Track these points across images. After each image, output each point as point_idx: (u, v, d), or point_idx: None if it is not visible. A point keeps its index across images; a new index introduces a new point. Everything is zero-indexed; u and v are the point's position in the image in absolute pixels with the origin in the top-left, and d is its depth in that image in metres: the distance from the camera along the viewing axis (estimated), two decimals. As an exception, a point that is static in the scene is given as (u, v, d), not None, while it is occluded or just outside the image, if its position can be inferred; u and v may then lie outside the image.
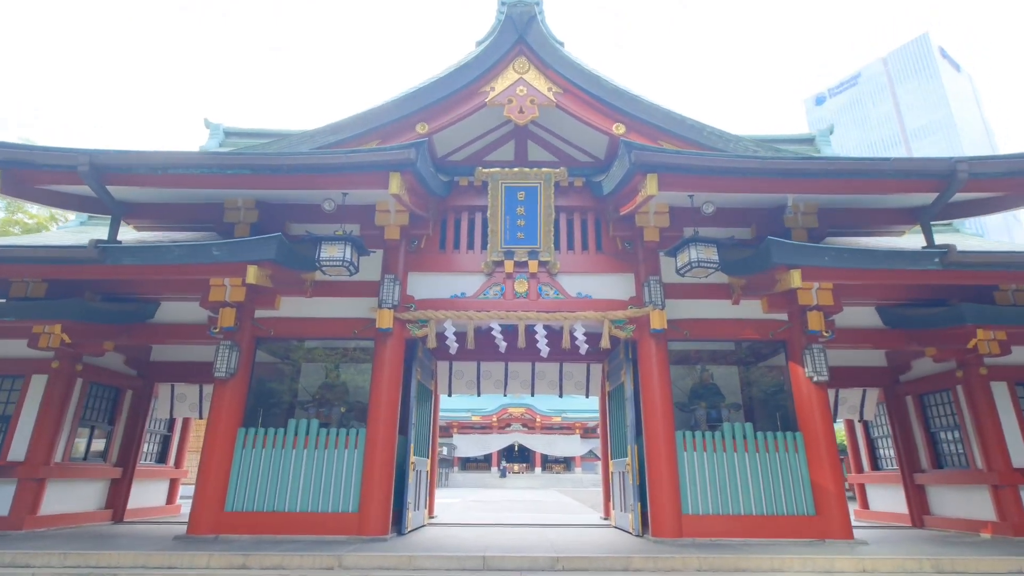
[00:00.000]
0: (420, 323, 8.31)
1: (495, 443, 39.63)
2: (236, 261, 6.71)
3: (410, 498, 8.26)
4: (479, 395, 10.63)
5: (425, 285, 8.63)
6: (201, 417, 10.62)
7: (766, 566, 5.91)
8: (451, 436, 39.77)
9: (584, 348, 8.25)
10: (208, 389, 10.43)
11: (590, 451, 38.95)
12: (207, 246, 6.65)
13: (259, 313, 8.44)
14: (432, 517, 10.95)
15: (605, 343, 8.15)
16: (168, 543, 6.88)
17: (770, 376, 9.59)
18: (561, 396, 10.88)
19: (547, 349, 8.30)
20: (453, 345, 8.28)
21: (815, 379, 7.81)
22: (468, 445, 39.31)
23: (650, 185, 6.70)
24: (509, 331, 9.15)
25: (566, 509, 14.23)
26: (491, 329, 8.38)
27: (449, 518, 10.76)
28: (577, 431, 40.51)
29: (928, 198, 7.35)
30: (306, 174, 6.79)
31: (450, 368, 10.64)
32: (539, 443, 39.47)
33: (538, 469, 40.14)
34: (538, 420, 39.48)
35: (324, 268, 7.07)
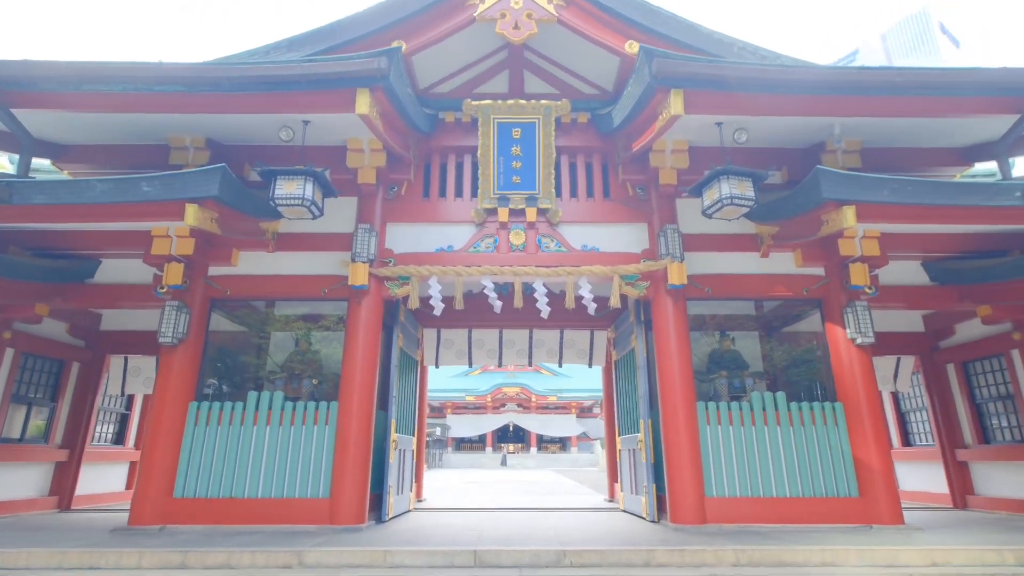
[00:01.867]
0: (400, 280, 7.17)
1: (490, 423, 38.89)
2: (171, 199, 5.52)
3: (392, 481, 7.21)
4: (470, 365, 9.54)
5: (406, 237, 7.47)
6: (157, 392, 9.48)
7: (816, 559, 4.89)
8: (445, 416, 39.07)
9: (591, 307, 7.14)
10: (166, 361, 9.27)
11: (585, 432, 38.26)
12: (135, 180, 5.45)
13: (213, 270, 7.27)
14: (420, 501, 9.95)
15: (615, 302, 7.04)
16: (103, 536, 5.80)
17: (797, 343, 8.55)
18: (561, 365, 9.82)
19: (547, 310, 7.19)
20: (439, 305, 7.15)
21: (859, 341, 6.75)
22: (462, 425, 38.55)
23: (674, 104, 5.53)
24: (504, 292, 8.04)
25: (565, 490, 13.29)
26: (483, 288, 7.23)
27: (439, 502, 9.75)
28: (573, 410, 39.86)
29: (1001, 127, 6.22)
30: (254, 91, 5.57)
31: (438, 336, 9.51)
32: (534, 423, 38.73)
33: (533, 449, 39.46)
34: (533, 400, 38.75)
35: (280, 207, 5.88)
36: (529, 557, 4.93)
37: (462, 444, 40.32)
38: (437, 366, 9.53)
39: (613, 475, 10.03)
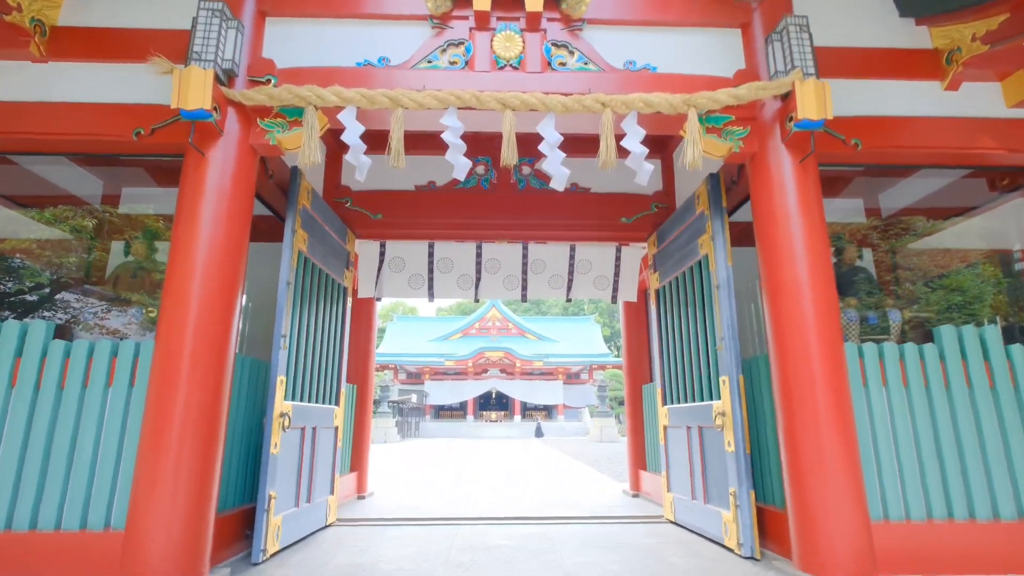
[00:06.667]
0: (288, 117, 3.78)
1: (471, 390, 36.05)
2: None
3: (275, 487, 3.92)
4: (431, 298, 6.20)
5: (304, 42, 4.05)
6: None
7: None
8: (423, 383, 36.23)
9: (643, 173, 3.83)
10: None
11: (572, 398, 35.69)
12: None
13: (-71, 95, 3.81)
14: (362, 497, 6.80)
15: (692, 160, 3.72)
16: None
17: (949, 256, 5.41)
18: (570, 300, 6.56)
19: (564, 174, 3.84)
20: (363, 163, 3.78)
21: None
22: (441, 392, 35.68)
23: None
24: (485, 185, 4.77)
25: (563, 472, 10.26)
26: (441, 135, 3.84)
27: (387, 501, 6.57)
28: (560, 376, 37.28)
29: None
30: None
31: (381, 252, 6.12)
32: (519, 390, 35.99)
33: (517, 417, 36.75)
34: (518, 365, 35.99)
35: None
36: None
37: (441, 412, 37.49)
38: (379, 297, 6.19)
39: (638, 460, 6.95)
